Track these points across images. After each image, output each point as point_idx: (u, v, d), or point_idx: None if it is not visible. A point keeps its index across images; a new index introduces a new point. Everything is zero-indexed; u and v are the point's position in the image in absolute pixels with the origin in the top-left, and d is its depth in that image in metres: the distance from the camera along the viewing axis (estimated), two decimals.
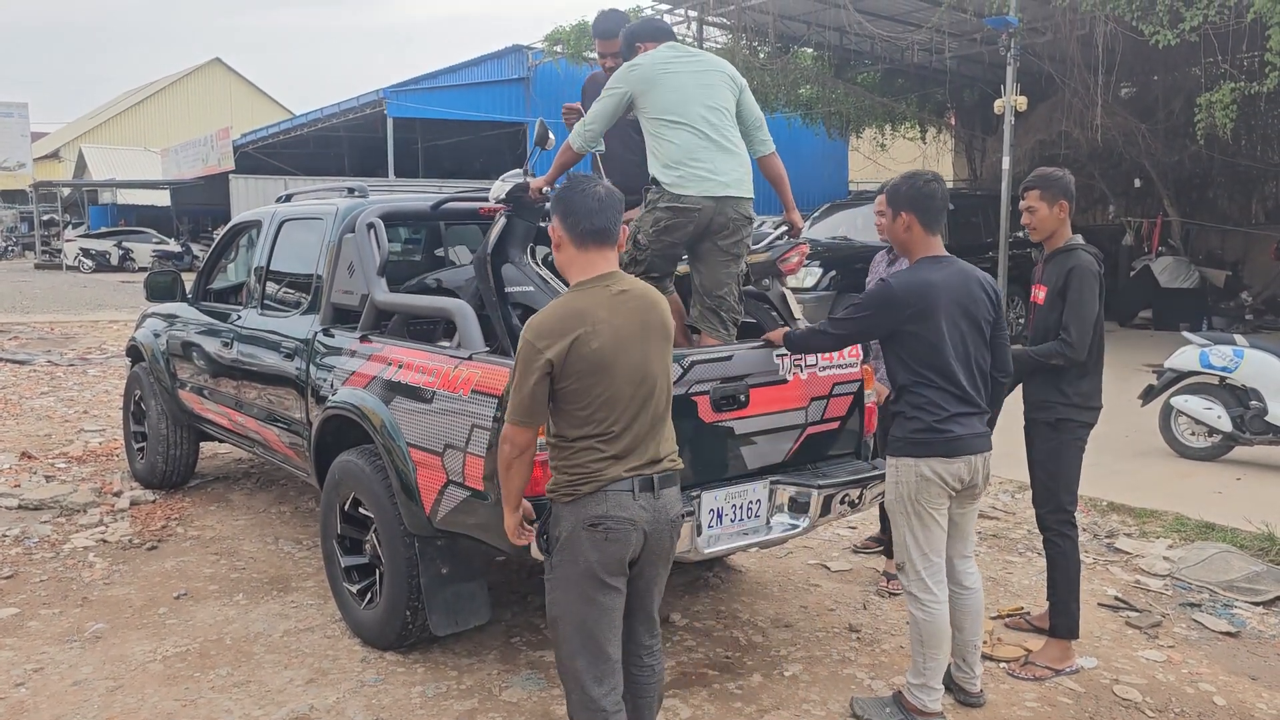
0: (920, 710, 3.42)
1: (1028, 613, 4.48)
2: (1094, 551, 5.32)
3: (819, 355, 4.00)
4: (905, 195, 3.47)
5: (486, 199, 4.53)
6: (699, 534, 3.56)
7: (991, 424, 3.61)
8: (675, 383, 3.53)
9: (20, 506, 6.08)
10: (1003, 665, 3.99)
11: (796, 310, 4.30)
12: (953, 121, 20.70)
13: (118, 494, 6.34)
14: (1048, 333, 3.90)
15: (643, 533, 2.70)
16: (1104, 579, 4.96)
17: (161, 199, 42.55)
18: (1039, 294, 4.00)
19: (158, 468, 6.33)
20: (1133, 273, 15.94)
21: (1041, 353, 3.88)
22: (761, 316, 4.39)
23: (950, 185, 16.99)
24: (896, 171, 4.26)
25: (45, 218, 41.53)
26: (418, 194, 5.05)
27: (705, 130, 3.85)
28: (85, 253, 34.04)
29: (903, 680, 3.58)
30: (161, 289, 6.19)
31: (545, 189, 4.15)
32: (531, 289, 4.25)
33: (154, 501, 6.23)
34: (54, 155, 52.49)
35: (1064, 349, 3.81)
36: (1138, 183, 17.08)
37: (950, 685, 3.64)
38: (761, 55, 18.09)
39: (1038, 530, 4.12)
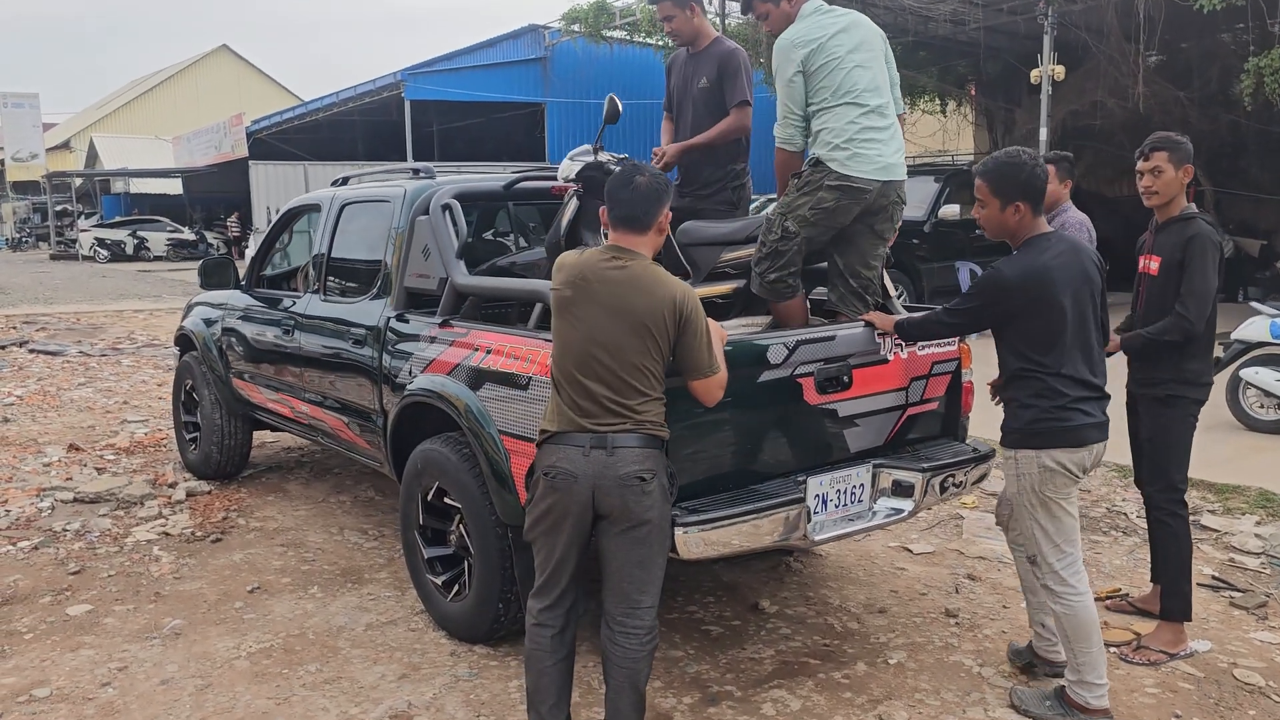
0: (1082, 707, 3.27)
1: (1127, 594, 4.35)
2: None
3: None
4: (1019, 184, 3.27)
5: (555, 178, 4.39)
6: (809, 520, 3.44)
7: None
8: (780, 365, 3.45)
9: (76, 500, 5.99)
10: (1113, 650, 3.86)
11: (891, 287, 4.15)
12: (973, 93, 20.40)
13: (172, 485, 6.25)
14: (1163, 306, 3.75)
15: (591, 488, 2.81)
16: (1198, 558, 4.79)
17: (174, 187, 42.48)
18: (1151, 264, 3.85)
19: (212, 458, 6.23)
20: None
21: (1156, 332, 3.73)
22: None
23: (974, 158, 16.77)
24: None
25: (58, 208, 41.51)
26: (484, 175, 4.90)
27: (873, 106, 3.72)
28: (100, 242, 34.01)
29: (1065, 678, 3.40)
30: (216, 275, 6.06)
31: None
32: None
33: (210, 492, 6.14)
34: (64, 146, 52.37)
35: (1182, 324, 3.66)
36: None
37: (1029, 661, 3.63)
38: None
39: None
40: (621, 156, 4.25)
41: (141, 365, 11.30)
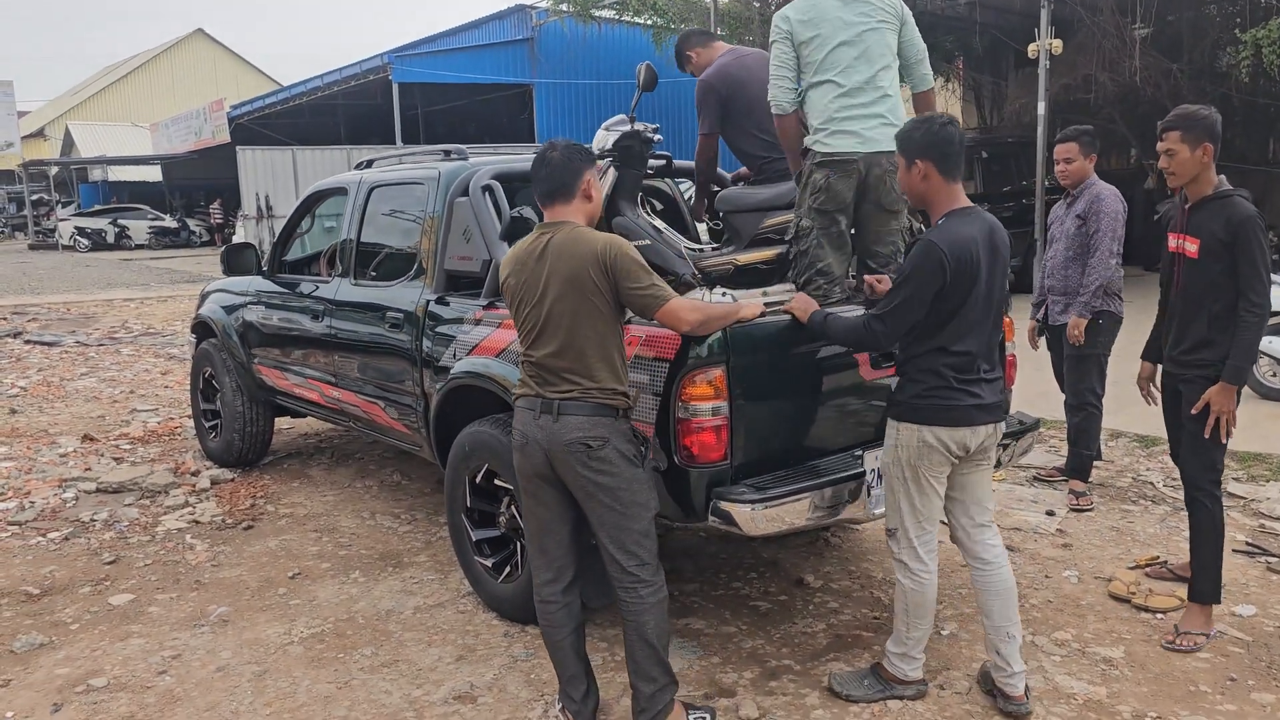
0: (899, 679, 3.33)
1: (1165, 561, 4.39)
2: None
3: None
4: (918, 142, 3.14)
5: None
6: (868, 495, 3.46)
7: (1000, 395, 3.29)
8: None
9: (100, 490, 5.96)
10: (1159, 617, 3.92)
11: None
12: (960, 69, 20.43)
13: (195, 474, 6.22)
14: (1204, 288, 3.69)
15: (544, 452, 2.95)
16: (1228, 524, 4.88)
17: (153, 174, 42.05)
18: (1187, 245, 3.77)
19: (234, 446, 6.20)
20: (1156, 216, 15.80)
21: (1242, 349, 3.59)
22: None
23: (970, 133, 16.80)
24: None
25: (34, 197, 40.96)
26: (516, 156, 4.87)
27: (852, 85, 3.70)
28: (80, 231, 33.63)
29: (886, 651, 3.40)
30: (240, 261, 6.00)
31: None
32: (647, 242, 4.09)
33: (233, 480, 6.11)
34: (39, 134, 51.65)
35: (1254, 315, 3.55)
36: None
37: (990, 689, 3.36)
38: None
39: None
40: (655, 126, 4.25)
41: (142, 354, 11.21)
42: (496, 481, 3.95)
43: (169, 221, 35.62)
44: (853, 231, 3.97)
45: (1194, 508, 3.82)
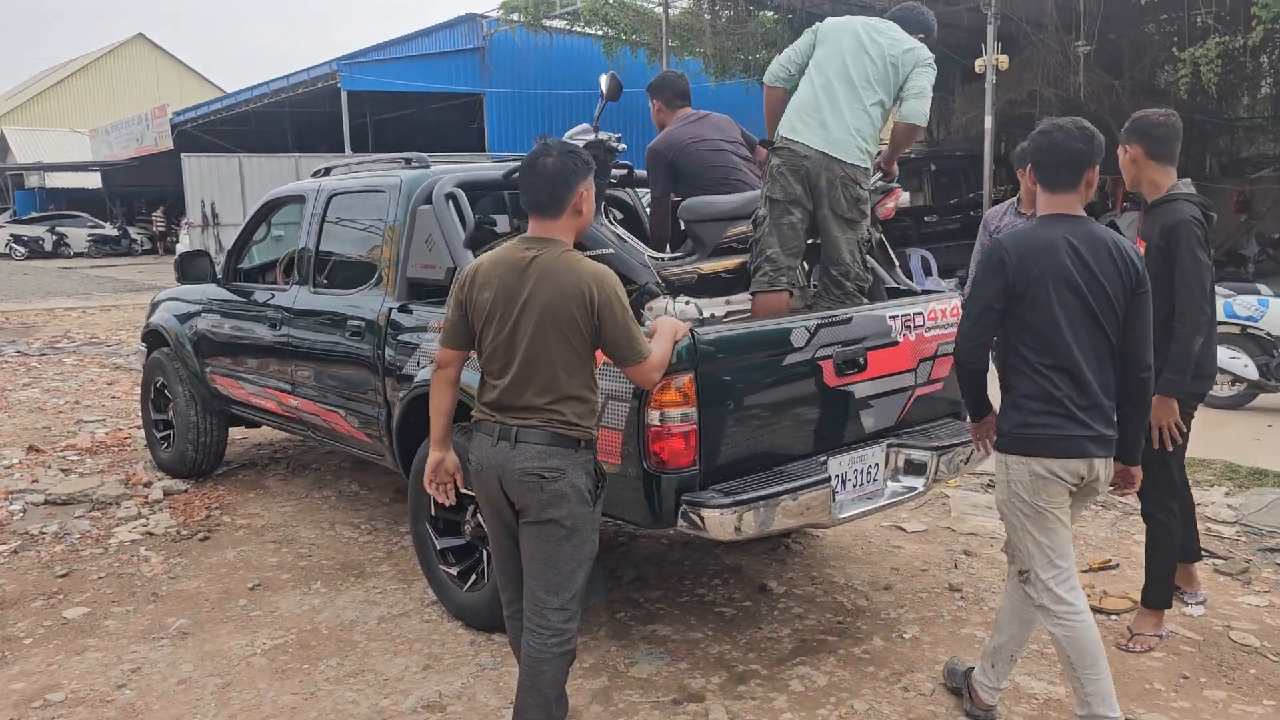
0: None
1: (1118, 565, 4.51)
2: None
3: (925, 317, 3.97)
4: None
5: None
6: (834, 500, 3.51)
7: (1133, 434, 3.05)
8: (802, 348, 3.51)
9: (48, 501, 5.82)
10: (1112, 618, 4.02)
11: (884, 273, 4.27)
12: None
13: (147, 485, 6.10)
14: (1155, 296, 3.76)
15: (498, 479, 2.80)
16: None
17: (92, 181, 41.11)
18: (1139, 249, 3.90)
19: (188, 456, 6.09)
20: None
21: (1175, 363, 3.52)
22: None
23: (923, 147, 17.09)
24: None
25: None
26: (480, 165, 4.87)
27: (828, 83, 3.86)
28: (17, 239, 32.77)
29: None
30: (195, 269, 5.91)
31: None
32: (610, 250, 4.12)
33: (187, 491, 6.00)
34: None
35: (1184, 321, 3.48)
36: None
37: (961, 687, 3.33)
38: (724, 18, 17.98)
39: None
40: (618, 136, 4.28)
41: (86, 364, 10.97)
42: (463, 490, 3.93)
43: (109, 229, 34.87)
44: (816, 241, 4.06)
45: (1150, 522, 3.83)
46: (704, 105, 4.87)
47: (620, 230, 4.43)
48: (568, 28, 21.63)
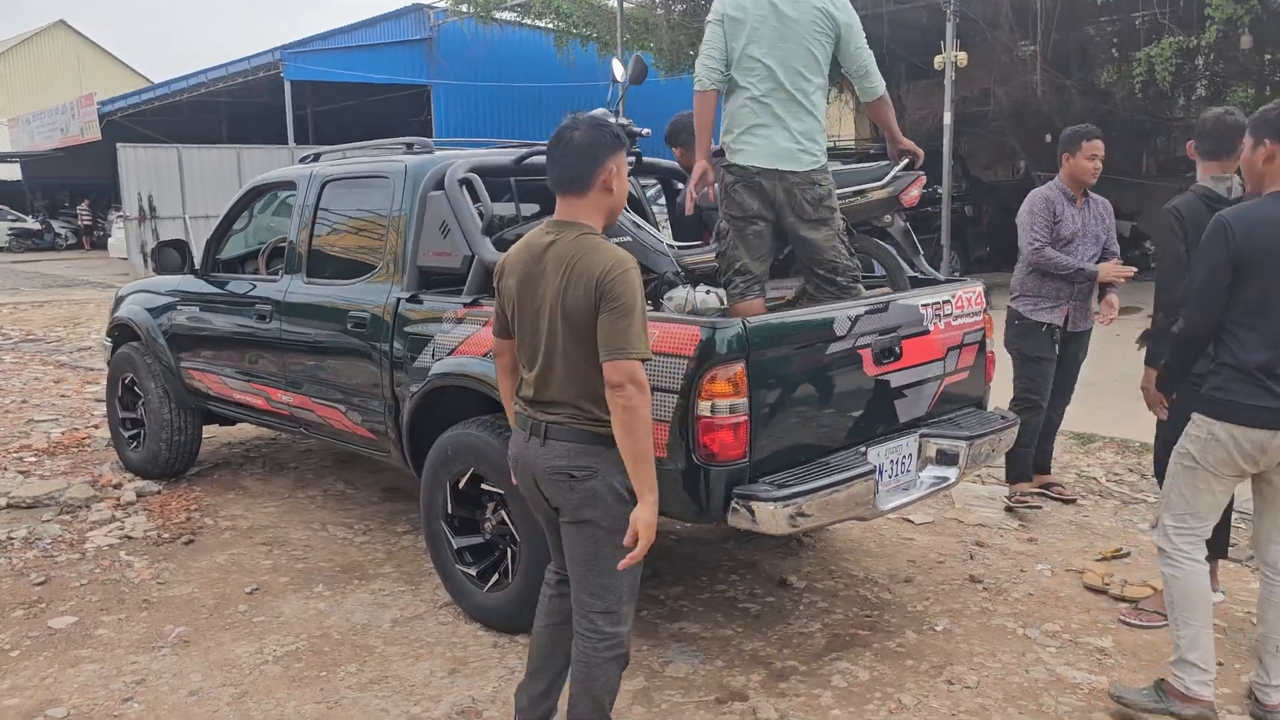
0: (1182, 695, 3.06)
1: (1129, 553, 4.53)
2: (1153, 492, 5.45)
3: (953, 305, 3.93)
4: (1274, 124, 3.02)
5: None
6: (876, 491, 3.44)
7: None
8: (843, 337, 3.43)
9: (11, 505, 5.51)
10: (1122, 605, 4.02)
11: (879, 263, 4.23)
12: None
13: (117, 486, 5.82)
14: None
15: (531, 476, 2.71)
16: None
17: (12, 173, 39.55)
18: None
19: (160, 456, 5.82)
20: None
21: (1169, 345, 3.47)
22: (883, 256, 4.30)
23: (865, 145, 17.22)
24: None
25: None
26: (489, 151, 4.71)
27: (760, 93, 3.70)
28: None
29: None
30: (170, 260, 5.63)
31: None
32: (627, 239, 4.01)
33: (160, 492, 5.73)
34: None
35: (1165, 320, 3.55)
36: (1049, 138, 17.66)
37: (1247, 692, 3.32)
38: (677, 11, 17.90)
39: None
40: (631, 121, 4.17)
41: (27, 362, 10.49)
42: (484, 486, 3.79)
43: (31, 223, 33.61)
44: (790, 250, 3.99)
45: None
46: (653, 101, 4.78)
47: (636, 216, 4.32)
48: (518, 20, 21.37)
